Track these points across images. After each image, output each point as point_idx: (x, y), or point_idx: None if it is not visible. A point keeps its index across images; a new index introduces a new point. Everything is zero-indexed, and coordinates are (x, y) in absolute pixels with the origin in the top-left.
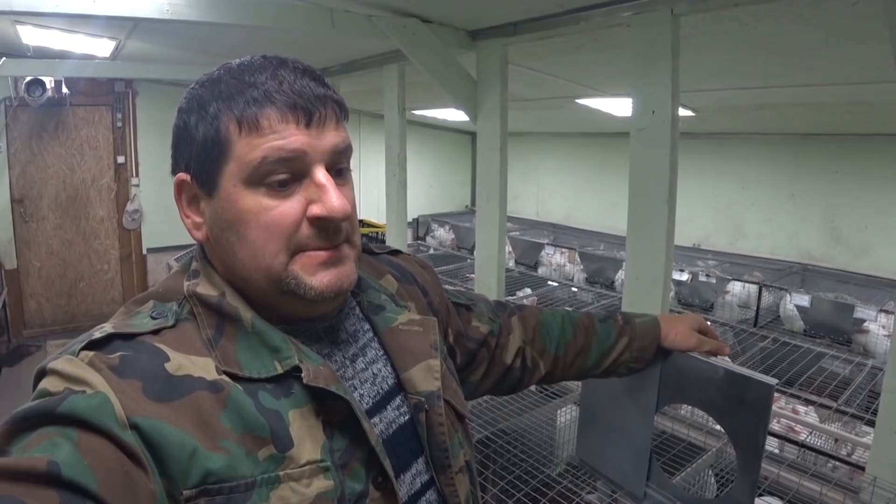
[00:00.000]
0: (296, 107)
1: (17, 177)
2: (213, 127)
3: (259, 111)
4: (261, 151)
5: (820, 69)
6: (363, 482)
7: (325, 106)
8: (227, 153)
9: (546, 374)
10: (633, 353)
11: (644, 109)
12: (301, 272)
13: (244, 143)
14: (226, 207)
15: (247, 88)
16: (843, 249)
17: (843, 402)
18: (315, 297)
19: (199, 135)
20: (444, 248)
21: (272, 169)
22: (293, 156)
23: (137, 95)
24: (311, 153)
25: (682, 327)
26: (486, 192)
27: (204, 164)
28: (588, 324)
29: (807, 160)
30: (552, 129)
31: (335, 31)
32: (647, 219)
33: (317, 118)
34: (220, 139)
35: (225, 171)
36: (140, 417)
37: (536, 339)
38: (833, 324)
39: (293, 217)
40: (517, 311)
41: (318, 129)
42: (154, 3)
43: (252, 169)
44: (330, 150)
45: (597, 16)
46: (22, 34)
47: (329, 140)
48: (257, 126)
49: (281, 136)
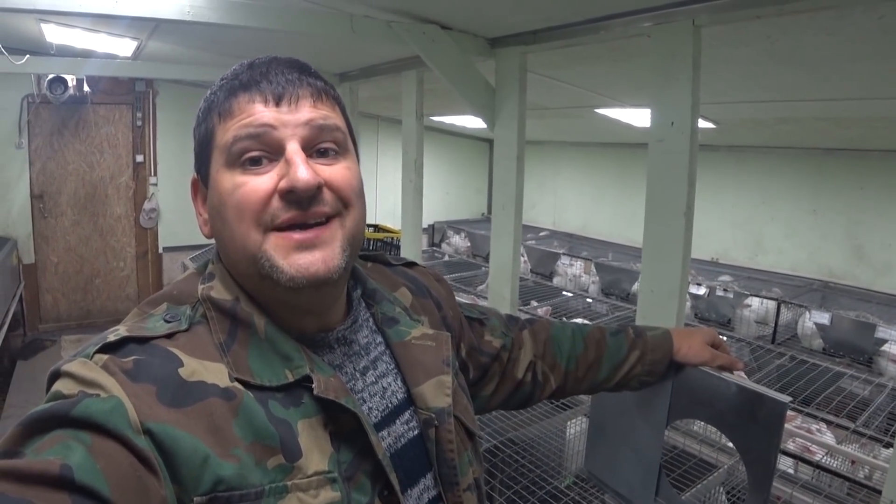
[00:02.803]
0: (264, 90)
1: (37, 173)
2: (204, 125)
3: (232, 99)
4: (232, 132)
5: (844, 83)
6: (369, 495)
7: (298, 87)
8: (212, 144)
9: (557, 389)
10: (644, 366)
11: (663, 120)
12: (274, 253)
13: (221, 130)
14: (212, 194)
15: (226, 84)
16: (865, 268)
17: (861, 424)
18: (288, 282)
19: (197, 135)
20: (459, 255)
21: (244, 147)
22: (261, 131)
23: (157, 95)
24: (281, 128)
25: (695, 341)
26: (502, 200)
27: (201, 160)
28: (599, 337)
29: (829, 175)
30: (570, 138)
31: (355, 36)
32: (664, 230)
33: (287, 98)
34: (208, 133)
35: (212, 161)
36: (153, 422)
37: (547, 353)
38: (853, 343)
39: (263, 192)
40: (528, 325)
41: (290, 107)
42: (176, 4)
43: (227, 151)
44: (304, 123)
45: (617, 26)
46: (46, 32)
47: (303, 115)
48: (230, 112)
49: (248, 114)
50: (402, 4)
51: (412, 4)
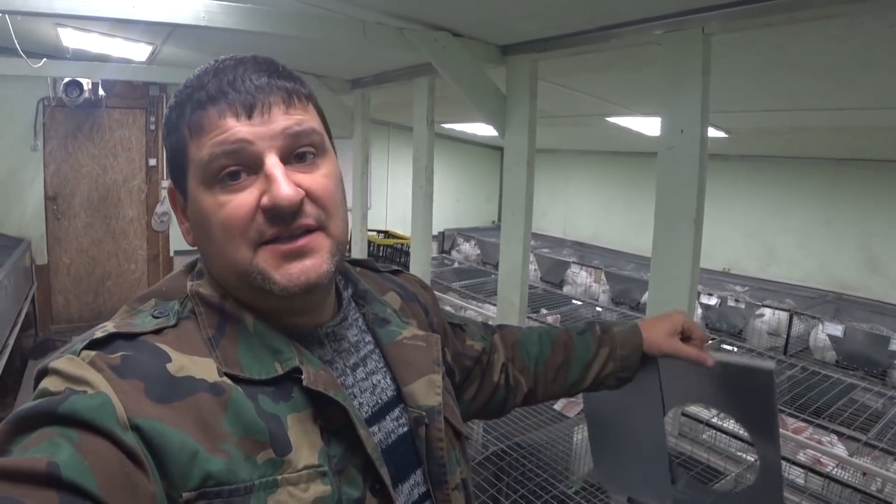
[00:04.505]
0: (233, 101)
1: (51, 175)
2: (175, 136)
3: (201, 113)
4: (207, 150)
5: (856, 92)
6: (360, 489)
7: (268, 94)
8: (186, 159)
9: (528, 392)
10: (616, 363)
11: (673, 128)
12: (265, 266)
13: (194, 146)
14: (193, 210)
15: (193, 93)
16: (880, 279)
17: (873, 436)
18: (281, 292)
19: (169, 145)
20: (468, 262)
21: (220, 165)
22: (236, 147)
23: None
24: (257, 141)
25: (660, 333)
26: (512, 207)
27: (176, 172)
28: (566, 339)
29: (843, 186)
30: (581, 146)
31: (367, 43)
32: (673, 238)
33: (259, 108)
34: (180, 146)
35: (189, 176)
36: (141, 418)
37: (516, 356)
38: (867, 355)
39: (246, 210)
40: (498, 331)
41: (263, 118)
42: (191, 9)
43: (204, 169)
44: (279, 133)
45: (628, 34)
46: (62, 36)
47: (278, 125)
48: (201, 127)
49: (221, 130)
50: (413, 12)
51: (424, 12)
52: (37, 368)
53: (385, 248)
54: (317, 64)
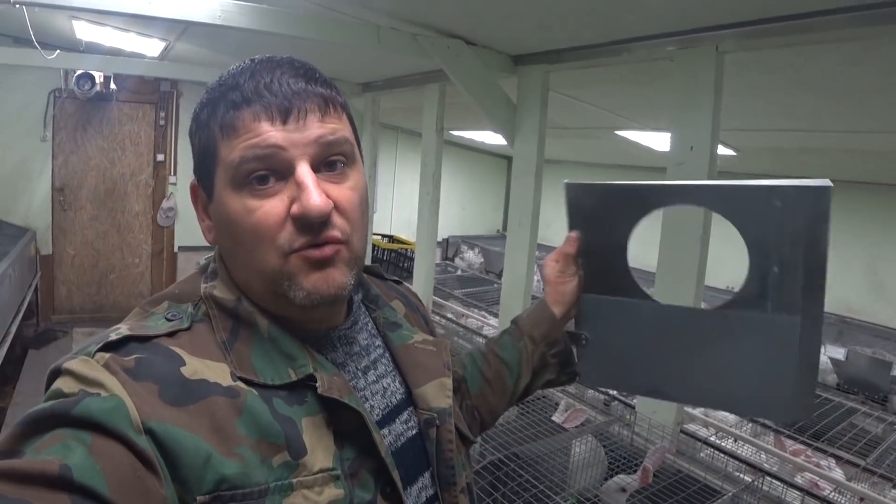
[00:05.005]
0: (269, 105)
1: (59, 166)
2: (204, 134)
3: (235, 114)
4: (238, 152)
5: (867, 115)
6: (372, 492)
7: (305, 101)
8: (216, 158)
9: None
10: (541, 346)
11: (683, 144)
12: (296, 272)
13: (225, 147)
14: (220, 211)
15: (227, 92)
16: (885, 304)
17: (872, 461)
18: (304, 299)
19: (197, 142)
20: (471, 270)
21: (251, 168)
22: (269, 152)
23: (181, 96)
24: (290, 148)
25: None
26: (519, 216)
27: (203, 170)
28: (490, 346)
29: (851, 209)
30: (590, 159)
31: (380, 48)
32: (678, 255)
33: (294, 114)
34: (210, 145)
35: (217, 176)
36: (155, 422)
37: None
38: (869, 380)
39: (277, 217)
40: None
41: (298, 124)
42: (207, 8)
43: (234, 171)
44: (313, 141)
45: (640, 48)
46: (77, 29)
47: (312, 132)
48: (234, 129)
49: (255, 134)
50: (428, 18)
51: (438, 19)
52: (50, 368)
53: (389, 253)
54: (328, 66)
